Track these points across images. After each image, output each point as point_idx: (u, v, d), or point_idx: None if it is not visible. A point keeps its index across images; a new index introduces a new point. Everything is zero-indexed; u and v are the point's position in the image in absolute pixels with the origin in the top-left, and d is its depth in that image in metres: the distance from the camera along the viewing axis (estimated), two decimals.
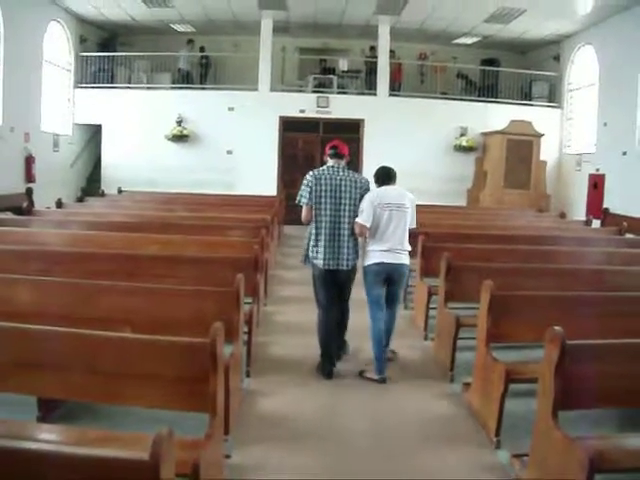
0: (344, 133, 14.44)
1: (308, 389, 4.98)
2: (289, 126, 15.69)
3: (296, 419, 4.43)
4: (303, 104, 15.44)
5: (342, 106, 15.42)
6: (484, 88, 16.40)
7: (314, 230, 5.27)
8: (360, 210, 5.18)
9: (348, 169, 5.41)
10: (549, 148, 15.51)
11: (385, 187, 5.35)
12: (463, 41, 16.91)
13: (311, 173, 5.30)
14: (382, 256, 5.21)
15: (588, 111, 14.82)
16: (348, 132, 15.06)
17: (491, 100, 15.98)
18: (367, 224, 5.15)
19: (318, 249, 5.23)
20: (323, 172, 5.27)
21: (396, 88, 16.18)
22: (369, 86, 16.09)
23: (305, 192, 5.25)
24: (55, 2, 14.05)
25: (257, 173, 15.10)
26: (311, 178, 5.24)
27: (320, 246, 5.21)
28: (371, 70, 16.08)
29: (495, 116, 15.33)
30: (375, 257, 5.24)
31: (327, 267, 5.21)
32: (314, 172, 5.30)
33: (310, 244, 5.31)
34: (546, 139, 15.12)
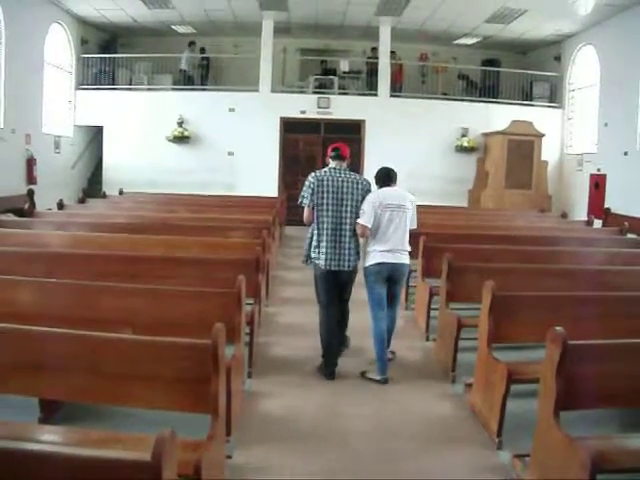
0: (345, 134, 14.46)
1: (310, 390, 4.98)
2: (290, 127, 15.69)
3: (298, 420, 4.43)
4: (304, 105, 15.44)
5: (343, 107, 15.41)
6: (485, 88, 16.40)
7: (316, 231, 5.30)
8: (361, 211, 5.21)
9: (350, 171, 5.44)
10: (550, 148, 15.50)
11: (386, 188, 5.38)
12: (464, 42, 16.90)
13: (313, 174, 5.33)
14: (383, 256, 5.24)
15: (589, 111, 14.82)
16: (349, 133, 15.09)
17: (492, 100, 15.97)
18: (368, 225, 5.18)
19: (320, 250, 5.25)
20: (325, 174, 5.30)
21: (397, 89, 16.17)
22: (370, 87, 16.10)
23: (307, 193, 5.29)
24: (56, 4, 14.07)
25: (258, 174, 15.10)
26: (313, 179, 5.27)
27: (322, 247, 5.24)
28: (372, 71, 16.08)
29: (496, 116, 15.32)
30: (376, 257, 5.27)
31: (329, 268, 5.23)
32: (316, 174, 5.33)
33: (312, 245, 5.35)
34: (547, 139, 15.12)
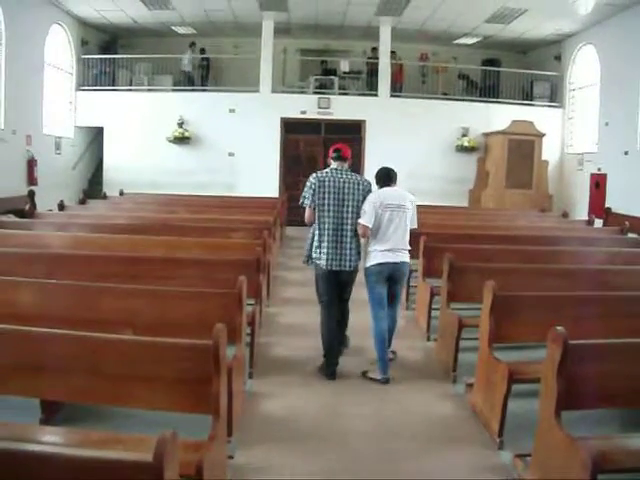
0: (345, 134, 14.47)
1: (311, 390, 4.98)
2: (290, 127, 15.69)
3: (299, 420, 4.43)
4: (304, 105, 15.44)
5: (343, 107, 15.41)
6: (485, 88, 16.39)
7: (317, 231, 5.32)
8: (362, 211, 5.23)
9: (351, 171, 5.45)
10: (551, 148, 15.50)
11: (386, 188, 5.39)
12: (464, 41, 16.90)
13: (314, 175, 5.35)
14: (384, 256, 5.26)
15: (590, 111, 14.81)
16: (350, 133, 15.09)
17: (492, 100, 15.97)
18: (369, 225, 5.20)
19: (321, 250, 5.27)
20: (327, 174, 5.31)
21: (397, 89, 16.17)
22: (370, 87, 16.10)
23: (308, 194, 5.30)
24: (57, 5, 14.08)
25: (259, 175, 15.11)
26: (314, 180, 5.28)
27: (323, 247, 5.25)
28: (372, 71, 16.08)
29: (497, 116, 15.32)
30: (377, 257, 5.28)
31: (330, 267, 5.25)
32: (317, 174, 5.34)
33: (313, 245, 5.38)
34: (548, 139, 15.12)
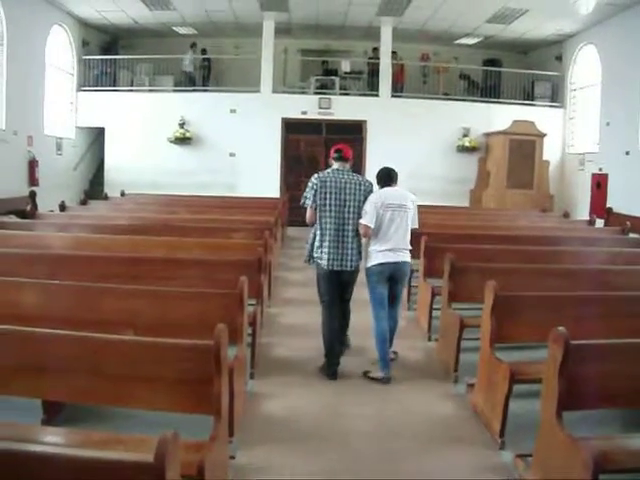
0: (347, 134, 14.46)
1: (312, 390, 4.99)
2: (292, 128, 15.68)
3: (300, 420, 4.43)
4: (305, 106, 15.43)
5: (344, 107, 15.40)
6: (486, 88, 16.38)
7: (319, 231, 5.34)
8: (364, 212, 5.25)
9: (352, 172, 5.47)
10: (552, 148, 15.48)
11: (387, 188, 5.41)
12: (465, 42, 16.89)
13: (316, 175, 5.37)
14: (385, 256, 5.28)
15: (591, 111, 14.80)
16: (351, 133, 15.09)
17: (493, 100, 15.96)
18: (371, 225, 5.22)
19: (323, 250, 5.29)
20: (328, 175, 5.33)
21: (398, 89, 16.16)
22: (371, 87, 16.09)
23: (310, 194, 5.33)
24: (58, 6, 14.09)
25: (260, 175, 15.11)
26: (316, 181, 5.30)
27: (325, 247, 5.27)
28: (373, 71, 16.07)
29: (498, 116, 15.31)
30: (378, 258, 5.30)
31: (331, 267, 5.26)
32: (319, 175, 5.37)
33: (315, 245, 5.39)
34: (549, 139, 15.11)
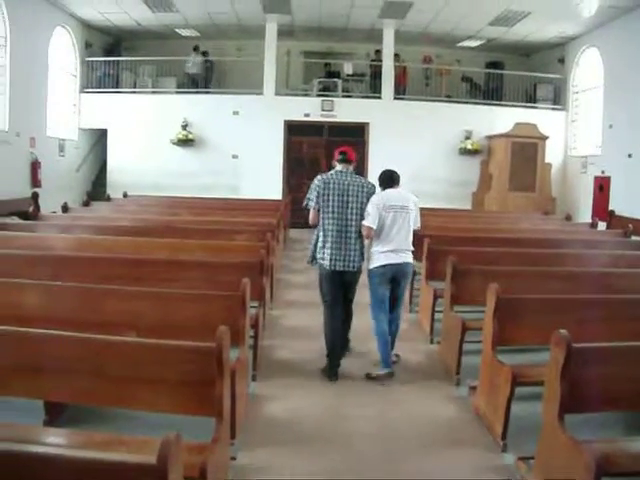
0: (349, 137, 14.49)
1: (314, 392, 4.98)
2: (294, 130, 15.69)
3: (302, 422, 4.43)
4: (308, 108, 15.44)
5: (347, 110, 15.40)
6: (489, 91, 16.40)
7: (321, 232, 5.37)
8: (366, 213, 5.27)
9: (355, 174, 5.50)
10: (554, 151, 15.47)
11: (389, 190, 5.45)
12: (468, 44, 16.89)
13: (319, 177, 5.40)
14: (387, 258, 5.31)
15: (593, 113, 14.79)
16: (353, 135, 15.11)
17: (496, 103, 15.96)
18: (373, 226, 5.25)
19: (325, 251, 5.32)
20: (331, 176, 5.36)
21: (401, 91, 16.18)
22: (374, 89, 16.08)
23: (313, 195, 5.37)
24: (61, 8, 14.12)
25: (262, 177, 15.12)
26: (319, 182, 5.34)
27: (327, 248, 5.30)
28: (376, 73, 16.06)
29: (500, 119, 15.30)
30: (380, 259, 5.33)
31: (334, 268, 5.29)
32: (322, 176, 5.40)
33: (317, 245, 5.41)
34: (551, 142, 15.11)
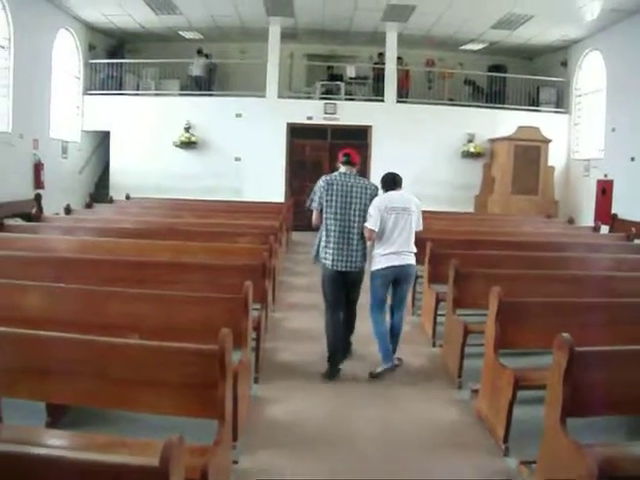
0: (352, 139, 14.48)
1: (316, 395, 4.98)
2: (297, 132, 15.72)
3: (304, 425, 4.43)
4: (311, 111, 15.46)
5: (350, 112, 15.43)
6: (491, 94, 16.41)
7: (324, 232, 5.44)
8: (368, 215, 5.32)
9: (359, 176, 5.54)
10: (557, 154, 15.47)
11: (391, 192, 5.50)
12: (470, 47, 16.90)
13: (323, 178, 5.47)
14: (388, 260, 5.36)
15: (596, 117, 14.78)
16: (356, 138, 15.11)
17: (499, 106, 15.96)
18: (375, 228, 5.30)
19: (327, 251, 5.39)
20: (335, 178, 5.42)
21: (404, 94, 16.17)
22: (377, 92, 16.10)
23: (316, 196, 5.45)
24: (64, 10, 14.16)
25: (265, 179, 15.13)
26: (323, 183, 5.40)
27: (330, 248, 5.37)
28: (379, 77, 16.08)
29: (503, 122, 15.31)
30: (382, 262, 5.38)
31: (336, 268, 5.35)
32: (326, 178, 5.46)
33: (320, 245, 5.48)
34: (554, 145, 15.10)
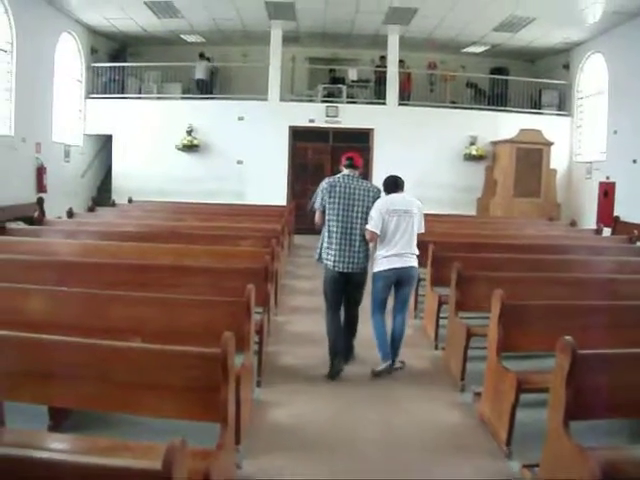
0: (354, 142, 14.48)
1: (318, 398, 4.98)
2: (299, 136, 15.73)
3: (306, 428, 4.42)
4: (313, 114, 15.48)
5: (351, 116, 15.44)
6: (493, 97, 16.39)
7: (327, 233, 5.50)
8: (370, 217, 5.38)
9: (361, 179, 5.60)
10: (559, 156, 15.46)
11: (393, 194, 5.54)
12: (472, 50, 16.92)
13: (327, 180, 5.55)
14: (390, 262, 5.42)
15: (598, 119, 14.78)
16: (358, 141, 15.10)
17: (501, 109, 15.96)
18: (377, 231, 5.35)
19: (330, 252, 5.46)
20: (338, 180, 5.50)
21: (405, 97, 16.19)
22: (378, 95, 16.11)
23: (318, 197, 5.54)
24: (67, 14, 14.20)
25: (267, 183, 15.16)
26: (326, 185, 5.48)
27: (332, 249, 5.44)
28: (380, 79, 16.10)
29: (505, 125, 15.31)
30: (384, 264, 5.44)
31: (337, 269, 5.42)
32: (329, 180, 5.55)
33: (323, 246, 5.54)
34: (556, 147, 15.09)
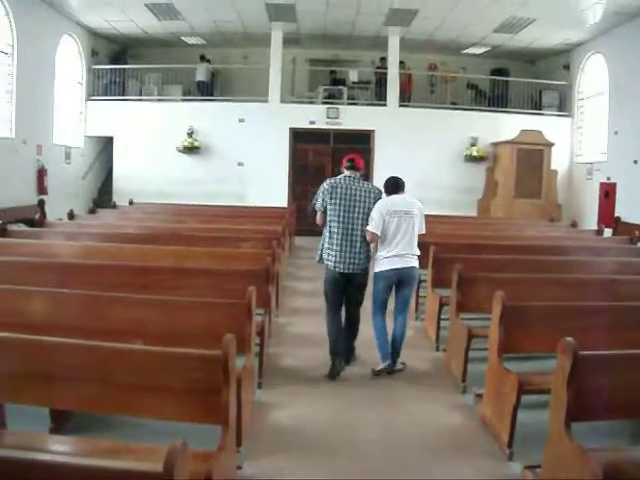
0: (354, 144, 14.50)
1: (319, 400, 4.97)
2: (299, 137, 15.72)
3: (307, 430, 4.42)
4: (313, 115, 15.48)
5: (352, 117, 15.44)
6: (494, 98, 16.39)
7: (327, 234, 5.53)
8: (370, 218, 5.41)
9: (362, 180, 5.63)
10: (560, 157, 15.45)
11: (394, 196, 5.56)
12: (472, 51, 16.93)
13: (328, 181, 5.59)
14: (391, 262, 5.45)
15: (599, 120, 14.78)
16: (358, 143, 15.11)
17: (501, 110, 15.96)
18: (377, 232, 5.38)
19: (330, 252, 5.49)
20: (340, 181, 5.53)
21: (406, 99, 16.20)
22: (379, 97, 16.11)
23: (319, 198, 5.56)
24: (67, 16, 14.23)
25: (268, 184, 15.17)
26: (328, 186, 5.51)
27: (333, 250, 5.47)
28: (381, 81, 16.10)
29: (505, 126, 15.31)
30: (385, 264, 5.47)
31: (338, 269, 5.45)
32: (330, 181, 5.58)
33: (324, 247, 5.57)
34: (557, 148, 15.09)
